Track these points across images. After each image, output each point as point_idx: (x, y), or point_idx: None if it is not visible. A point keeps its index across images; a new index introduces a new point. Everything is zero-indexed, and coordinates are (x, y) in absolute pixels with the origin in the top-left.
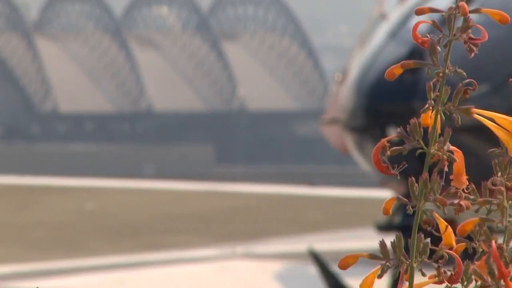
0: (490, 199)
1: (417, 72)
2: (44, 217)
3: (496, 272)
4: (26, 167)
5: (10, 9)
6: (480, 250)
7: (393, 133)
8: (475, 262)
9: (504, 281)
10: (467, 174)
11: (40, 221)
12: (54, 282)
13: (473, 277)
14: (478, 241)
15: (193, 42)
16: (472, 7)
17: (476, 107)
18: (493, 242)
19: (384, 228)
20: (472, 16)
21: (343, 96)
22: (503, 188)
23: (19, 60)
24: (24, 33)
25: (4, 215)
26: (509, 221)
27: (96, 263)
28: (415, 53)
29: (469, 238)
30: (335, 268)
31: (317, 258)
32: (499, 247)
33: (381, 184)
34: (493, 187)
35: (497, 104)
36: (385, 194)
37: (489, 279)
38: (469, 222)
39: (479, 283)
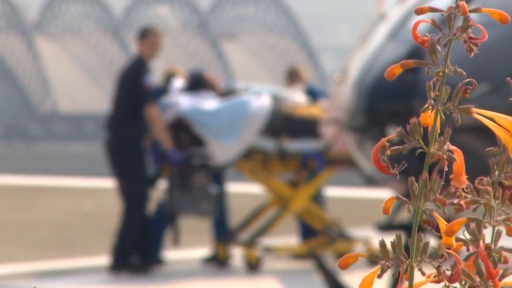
0: (477, 198)
1: (418, 72)
2: (44, 217)
3: (485, 272)
4: (26, 167)
5: (10, 9)
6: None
7: (393, 132)
8: (464, 262)
9: (493, 281)
10: (467, 174)
11: (40, 221)
12: (54, 282)
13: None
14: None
15: (193, 42)
16: (473, 7)
17: (477, 107)
18: (481, 242)
19: (385, 228)
20: (473, 16)
21: (343, 96)
22: (489, 188)
23: (19, 60)
24: (24, 33)
25: (4, 215)
26: (496, 221)
27: (96, 263)
28: (416, 53)
29: None
30: (335, 267)
31: (317, 258)
32: (487, 247)
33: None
34: (481, 187)
35: (498, 104)
36: (385, 194)
37: (477, 279)
38: (456, 222)
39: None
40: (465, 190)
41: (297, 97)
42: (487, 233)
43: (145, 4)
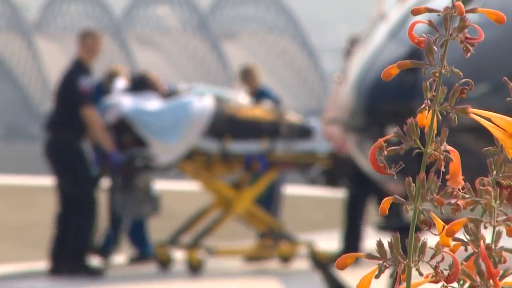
0: (477, 199)
1: (418, 72)
2: (44, 217)
3: (485, 272)
4: (26, 167)
5: (10, 9)
6: None
7: (391, 133)
8: (464, 262)
9: (493, 281)
10: (464, 174)
11: (40, 221)
12: (54, 282)
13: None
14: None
15: (193, 42)
16: (471, 7)
17: (475, 107)
18: (481, 242)
19: (384, 228)
20: (473, 16)
21: (343, 96)
22: (490, 188)
23: (19, 60)
24: (24, 33)
25: (4, 215)
26: (497, 221)
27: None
28: (415, 53)
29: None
30: (334, 268)
31: (316, 258)
32: (488, 247)
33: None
34: (481, 187)
35: (496, 105)
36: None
37: (478, 279)
38: (457, 222)
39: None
40: (462, 190)
41: (240, 98)
42: (486, 234)
43: (145, 4)
